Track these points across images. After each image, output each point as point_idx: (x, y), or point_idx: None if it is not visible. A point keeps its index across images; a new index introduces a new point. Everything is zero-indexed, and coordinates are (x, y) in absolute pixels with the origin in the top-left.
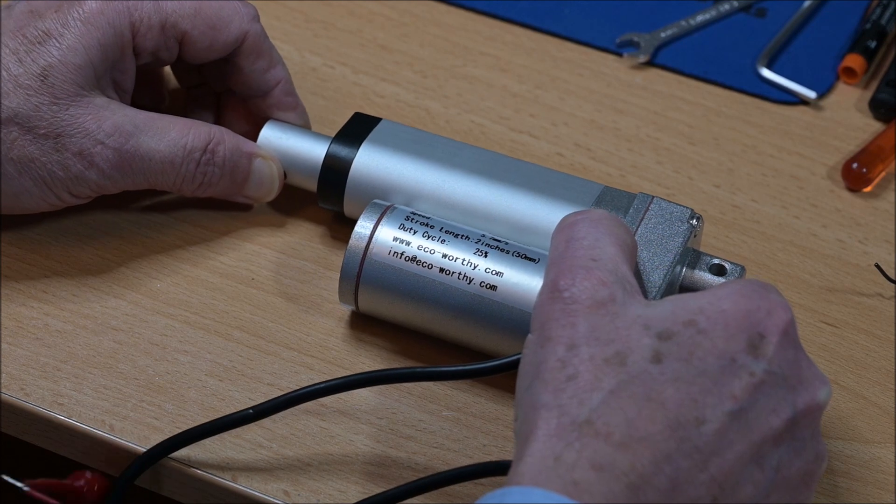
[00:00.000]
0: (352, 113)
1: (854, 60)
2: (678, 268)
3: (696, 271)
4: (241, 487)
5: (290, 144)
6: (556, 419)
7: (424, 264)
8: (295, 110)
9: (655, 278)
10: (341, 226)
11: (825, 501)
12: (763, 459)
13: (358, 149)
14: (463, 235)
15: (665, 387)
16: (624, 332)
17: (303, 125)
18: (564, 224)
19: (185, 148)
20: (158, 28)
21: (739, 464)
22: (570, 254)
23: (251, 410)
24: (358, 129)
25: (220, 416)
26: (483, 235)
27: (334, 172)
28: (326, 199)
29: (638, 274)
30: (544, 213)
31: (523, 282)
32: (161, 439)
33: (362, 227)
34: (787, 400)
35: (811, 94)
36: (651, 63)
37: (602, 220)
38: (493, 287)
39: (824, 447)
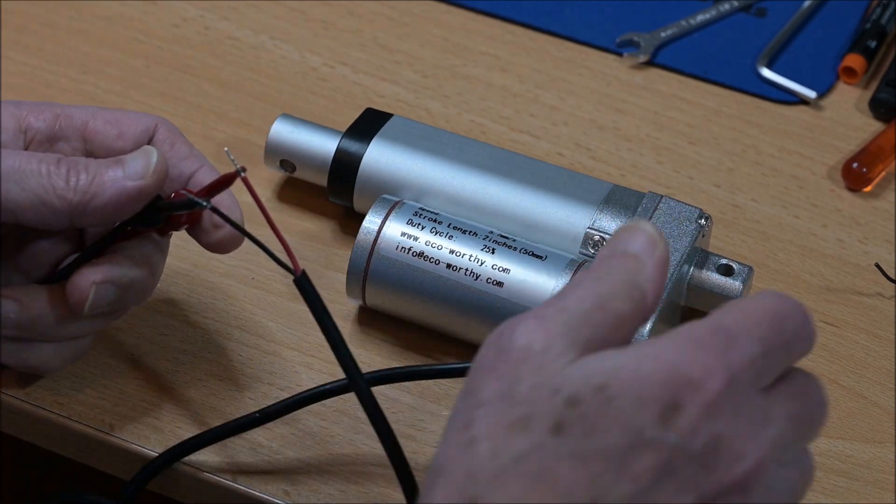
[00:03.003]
0: (352, 112)
1: (854, 60)
2: (686, 267)
3: (704, 271)
4: (241, 487)
5: (301, 139)
6: (444, 490)
7: (432, 260)
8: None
9: None
10: (352, 220)
11: (825, 501)
12: None
13: (369, 144)
14: (471, 232)
15: (561, 464)
16: (535, 393)
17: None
18: (595, 262)
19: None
20: (50, 114)
21: None
22: (548, 303)
23: (257, 414)
24: (369, 124)
25: (220, 415)
26: (491, 232)
27: (345, 167)
28: (337, 193)
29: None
30: (552, 211)
31: (530, 279)
32: (161, 439)
33: (371, 222)
34: (698, 481)
35: (811, 94)
36: (651, 63)
37: (610, 281)
38: (500, 283)
39: None
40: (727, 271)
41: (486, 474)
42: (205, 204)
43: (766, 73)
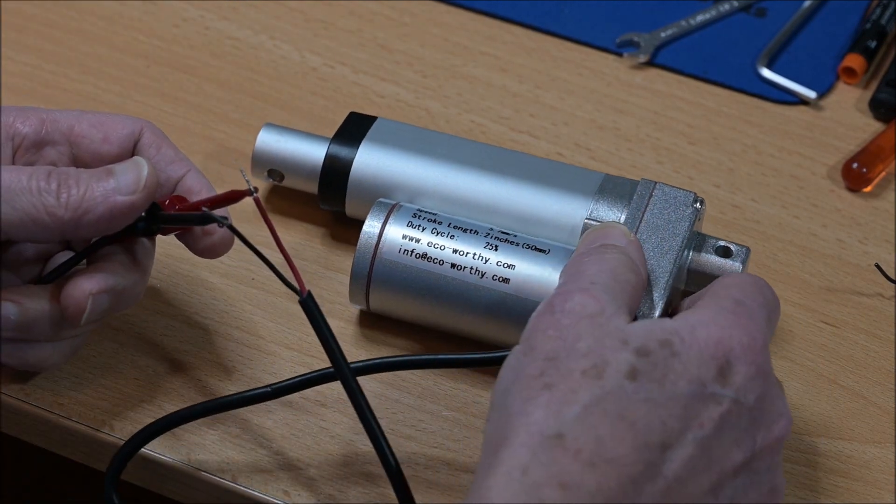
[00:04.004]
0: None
1: (854, 60)
2: (685, 252)
3: (703, 254)
4: (241, 487)
5: (289, 147)
6: (527, 428)
7: (435, 261)
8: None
9: (665, 263)
10: (342, 226)
11: (825, 501)
12: (720, 490)
13: (357, 148)
14: (471, 230)
15: (637, 406)
16: (603, 344)
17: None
18: (577, 254)
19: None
20: (35, 118)
21: (698, 493)
22: (572, 281)
23: (269, 388)
24: (355, 129)
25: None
26: (492, 229)
27: (335, 173)
28: (328, 200)
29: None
30: (548, 204)
31: (535, 273)
32: (160, 438)
33: (371, 226)
34: (750, 433)
35: (811, 94)
36: (651, 63)
37: (611, 259)
38: (506, 280)
39: (782, 480)
40: (725, 253)
41: (567, 413)
42: (223, 222)
43: (766, 73)
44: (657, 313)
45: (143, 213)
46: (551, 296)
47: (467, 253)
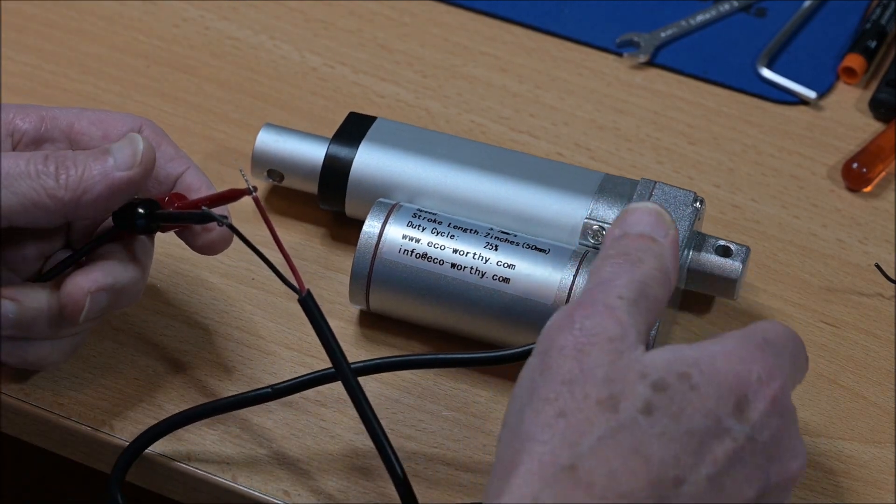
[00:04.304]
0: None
1: (854, 60)
2: (685, 251)
3: (703, 253)
4: (241, 487)
5: (288, 147)
6: (539, 457)
7: (435, 261)
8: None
9: None
10: (341, 226)
11: (825, 501)
12: None
13: (357, 148)
14: (471, 230)
15: (652, 441)
16: (621, 374)
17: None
18: (610, 250)
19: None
20: (35, 115)
21: None
22: (599, 290)
23: (270, 389)
24: (355, 129)
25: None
26: (492, 229)
27: (335, 173)
28: (328, 200)
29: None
30: (548, 204)
31: (536, 273)
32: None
33: (371, 226)
34: (763, 470)
35: (811, 94)
36: (651, 63)
37: (645, 271)
38: (507, 280)
39: None
40: (725, 252)
41: (582, 444)
42: (222, 221)
43: (766, 73)
44: None
45: (141, 211)
46: (575, 303)
47: (467, 253)
